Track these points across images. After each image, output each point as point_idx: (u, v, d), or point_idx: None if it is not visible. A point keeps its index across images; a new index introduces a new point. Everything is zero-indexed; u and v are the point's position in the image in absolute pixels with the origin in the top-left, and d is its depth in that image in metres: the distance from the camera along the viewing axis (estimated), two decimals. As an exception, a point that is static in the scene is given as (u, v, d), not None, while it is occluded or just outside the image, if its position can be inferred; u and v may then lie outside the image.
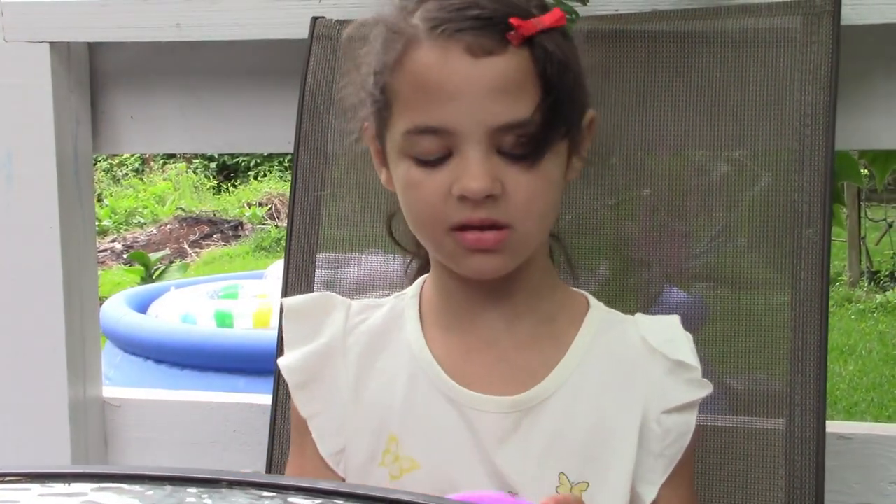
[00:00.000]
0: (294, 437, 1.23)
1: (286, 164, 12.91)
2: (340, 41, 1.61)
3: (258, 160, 13.36)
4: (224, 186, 13.28)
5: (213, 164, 13.62)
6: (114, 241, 10.76)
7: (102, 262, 9.57)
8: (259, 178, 13.17)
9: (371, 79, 1.13)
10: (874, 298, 7.39)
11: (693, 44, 1.49)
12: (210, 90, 1.86)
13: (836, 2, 1.45)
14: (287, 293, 1.55)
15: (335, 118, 1.58)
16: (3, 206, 1.82)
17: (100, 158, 12.32)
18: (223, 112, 1.86)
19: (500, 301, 1.16)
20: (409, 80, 1.08)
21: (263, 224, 11.36)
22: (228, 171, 13.71)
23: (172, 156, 13.26)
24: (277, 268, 5.99)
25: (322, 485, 0.79)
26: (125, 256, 9.78)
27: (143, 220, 11.73)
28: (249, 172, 13.47)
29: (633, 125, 1.50)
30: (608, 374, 1.15)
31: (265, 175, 13.21)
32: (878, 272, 8.03)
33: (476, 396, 1.12)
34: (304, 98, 1.61)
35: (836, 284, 7.58)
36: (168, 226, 11.30)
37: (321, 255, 1.59)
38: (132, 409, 1.91)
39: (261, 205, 11.94)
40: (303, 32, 1.64)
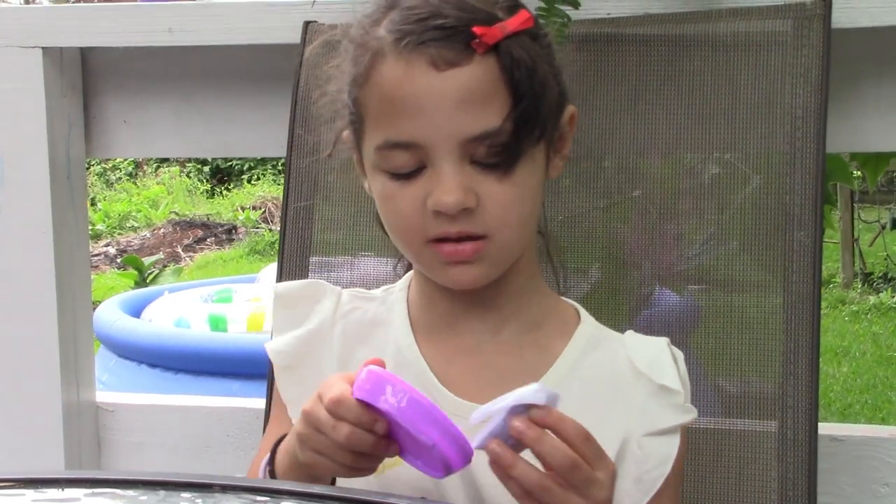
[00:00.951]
0: (274, 411, 1.24)
1: (280, 168, 12.91)
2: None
3: (251, 164, 13.35)
4: (218, 190, 13.27)
5: (207, 168, 13.62)
6: (107, 246, 10.74)
7: (96, 267, 9.56)
8: (252, 182, 13.17)
9: (345, 91, 1.13)
10: (868, 300, 7.40)
11: (685, 47, 1.50)
12: (203, 94, 1.86)
13: (827, 5, 1.45)
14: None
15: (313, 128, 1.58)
16: (-4, 210, 1.82)
17: (93, 162, 12.31)
18: (216, 116, 1.86)
19: (484, 308, 1.15)
20: (377, 95, 1.08)
21: (257, 228, 11.35)
22: (222, 175, 13.70)
23: (166, 160, 13.25)
24: (270, 271, 6.00)
25: (315, 489, 0.79)
26: (119, 260, 9.77)
27: (137, 224, 11.71)
28: (243, 176, 13.46)
29: (625, 128, 1.50)
30: (591, 393, 1.13)
31: (259, 179, 13.21)
32: (872, 274, 8.04)
33: (458, 402, 1.12)
34: (297, 102, 1.61)
35: (830, 286, 7.59)
36: (162, 230, 11.29)
37: (314, 259, 1.59)
38: (126, 414, 1.91)
39: (254, 208, 11.93)
40: (295, 37, 1.64)
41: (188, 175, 13.50)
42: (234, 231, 11.34)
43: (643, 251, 1.50)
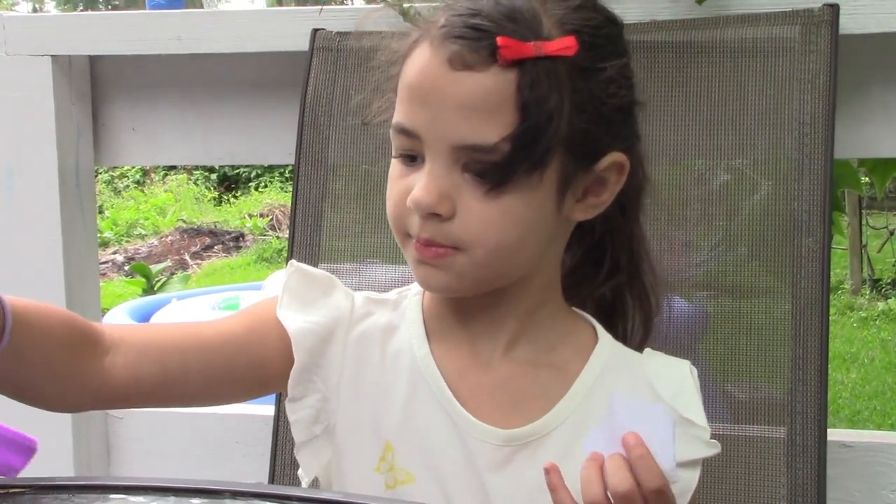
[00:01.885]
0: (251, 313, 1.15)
1: (287, 175, 12.93)
2: (341, 53, 1.61)
3: (259, 171, 13.37)
4: (225, 197, 13.30)
5: (214, 176, 13.64)
6: (115, 253, 10.77)
7: (104, 274, 9.57)
8: (260, 189, 13.19)
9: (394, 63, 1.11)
10: (876, 306, 7.38)
11: (692, 54, 1.50)
12: (211, 102, 1.86)
13: (835, 11, 1.45)
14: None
15: (336, 128, 1.58)
16: (5, 219, 1.83)
17: (101, 170, 12.33)
18: (224, 124, 1.87)
19: (493, 324, 1.12)
20: (403, 76, 1.06)
21: (265, 235, 11.37)
22: (229, 183, 13.72)
23: (173, 167, 13.28)
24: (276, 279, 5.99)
25: (326, 496, 0.79)
26: (126, 268, 9.78)
27: (145, 232, 11.74)
28: (250, 183, 13.48)
29: (633, 135, 1.50)
30: None
31: (266, 186, 13.23)
32: (880, 280, 8.03)
33: (473, 422, 1.09)
34: (305, 109, 1.62)
35: (838, 292, 7.58)
36: (169, 237, 11.31)
37: (322, 266, 1.59)
38: (135, 421, 1.92)
39: (262, 216, 11.95)
40: (303, 44, 1.65)
41: (196, 182, 13.53)
42: (242, 238, 11.36)
43: (653, 258, 1.49)
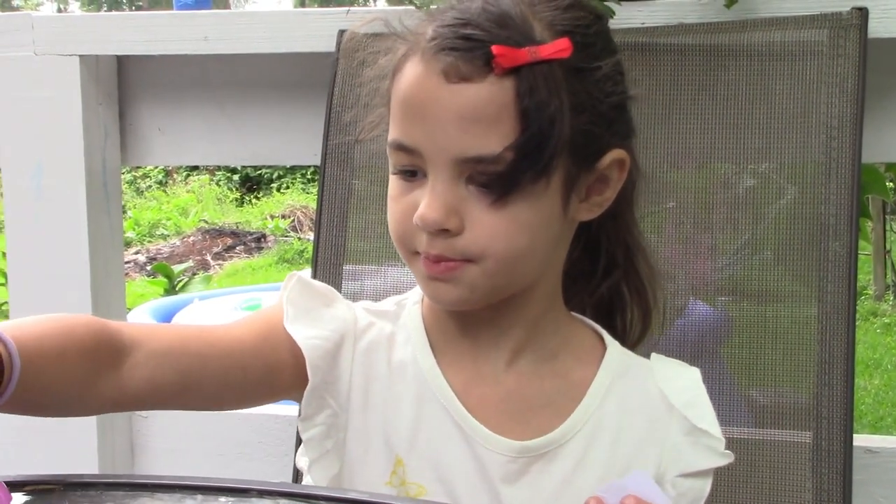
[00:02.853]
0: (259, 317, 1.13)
1: (309, 177, 12.97)
2: (368, 53, 1.62)
3: (281, 172, 13.42)
4: (247, 198, 13.35)
5: (237, 177, 13.70)
6: (137, 253, 10.82)
7: (126, 274, 9.56)
8: (282, 191, 13.24)
9: (384, 77, 1.10)
10: (899, 312, 7.35)
11: (719, 57, 1.49)
12: (237, 103, 1.87)
13: (864, 15, 1.45)
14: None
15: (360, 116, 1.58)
16: (33, 217, 1.84)
17: (123, 170, 12.39)
18: (250, 124, 1.87)
19: (498, 333, 1.11)
20: (395, 92, 1.05)
21: (286, 236, 11.40)
22: (251, 184, 13.77)
23: (196, 168, 13.35)
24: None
25: (352, 495, 0.80)
26: (148, 268, 9.84)
27: (167, 232, 11.80)
28: (272, 184, 13.53)
29: (659, 138, 1.50)
30: (624, 426, 1.09)
31: (288, 187, 13.28)
32: (904, 286, 7.98)
33: (486, 434, 1.07)
34: (331, 110, 1.62)
35: (862, 298, 7.53)
36: (191, 238, 11.36)
37: (347, 267, 1.59)
38: (159, 420, 1.92)
39: (283, 217, 11.99)
40: (330, 45, 1.65)
41: (218, 183, 13.59)
42: (264, 239, 11.40)
43: (677, 262, 1.49)
